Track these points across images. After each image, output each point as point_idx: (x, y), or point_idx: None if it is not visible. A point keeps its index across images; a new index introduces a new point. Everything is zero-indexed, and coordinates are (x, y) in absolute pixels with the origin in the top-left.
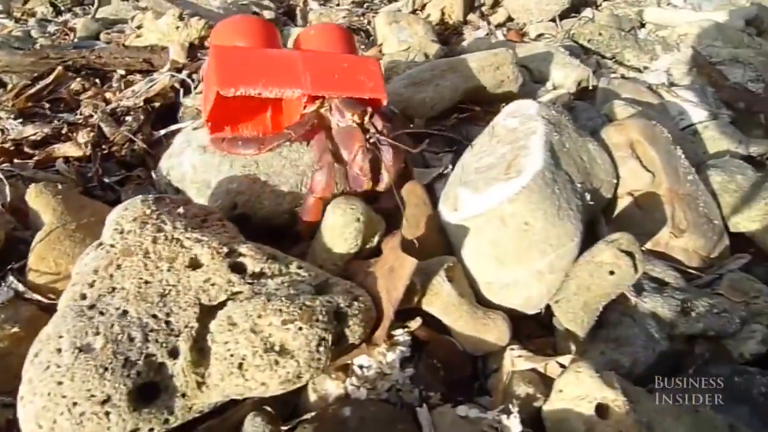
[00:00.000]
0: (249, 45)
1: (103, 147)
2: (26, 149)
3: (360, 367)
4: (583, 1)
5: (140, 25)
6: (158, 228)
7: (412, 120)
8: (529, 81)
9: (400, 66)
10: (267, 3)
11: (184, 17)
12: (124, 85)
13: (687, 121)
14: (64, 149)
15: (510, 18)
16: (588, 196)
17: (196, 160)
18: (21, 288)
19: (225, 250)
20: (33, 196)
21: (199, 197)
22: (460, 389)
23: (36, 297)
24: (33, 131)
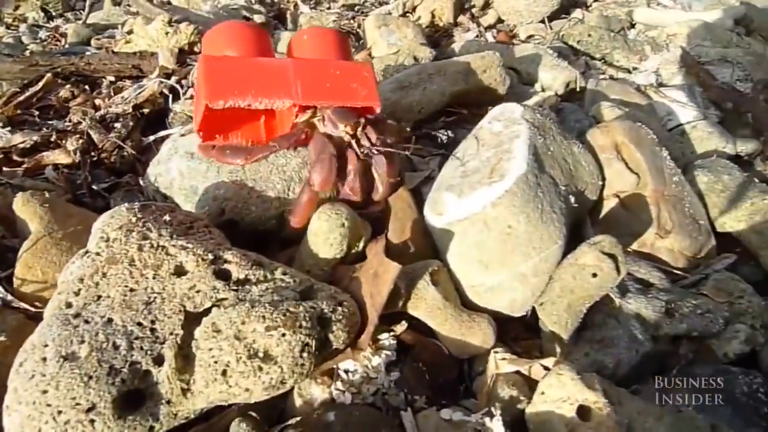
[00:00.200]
0: (240, 52)
1: (93, 154)
2: (15, 157)
3: (345, 371)
4: (573, 1)
5: (130, 30)
6: (144, 236)
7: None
8: (518, 83)
9: (388, 70)
10: (257, 7)
11: (174, 23)
12: (114, 91)
13: (675, 121)
14: (53, 157)
15: (500, 19)
16: (572, 199)
17: (184, 166)
18: (8, 297)
19: (210, 257)
20: (20, 205)
21: (186, 204)
22: (445, 392)
23: (23, 306)
24: (22, 139)
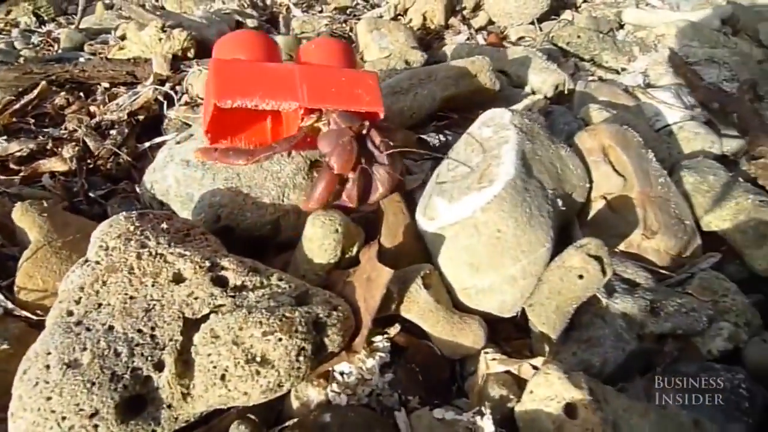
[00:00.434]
0: (249, 57)
1: (89, 161)
2: (11, 165)
3: (341, 373)
4: (563, 3)
5: (124, 36)
6: (142, 244)
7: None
8: (508, 86)
9: (380, 74)
10: (250, 11)
11: (167, 29)
12: (108, 98)
13: (663, 122)
14: (49, 164)
15: (491, 21)
16: (560, 202)
17: (180, 174)
18: (10, 306)
19: (207, 264)
20: (19, 215)
21: (183, 211)
22: (438, 392)
23: (25, 314)
24: (18, 147)
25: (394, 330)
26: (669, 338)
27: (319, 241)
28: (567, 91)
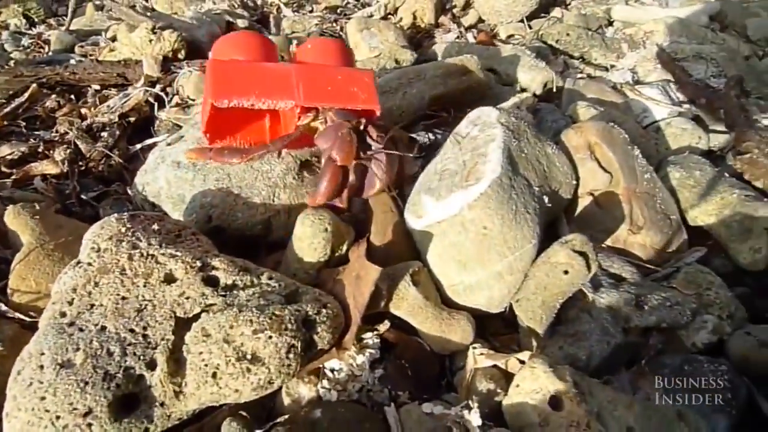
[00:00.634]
0: (246, 58)
1: (80, 163)
2: (3, 168)
3: (331, 370)
4: (552, 1)
5: (114, 37)
6: (133, 245)
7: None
8: (497, 84)
9: None
10: (240, 12)
11: (157, 30)
12: (99, 100)
13: (650, 118)
14: (41, 167)
15: (481, 20)
16: (546, 199)
17: (171, 175)
18: (3, 308)
19: (198, 264)
20: (11, 218)
21: (174, 212)
22: (428, 387)
23: (18, 316)
24: (9, 150)
25: (383, 327)
26: (654, 331)
27: (309, 239)
28: (555, 89)
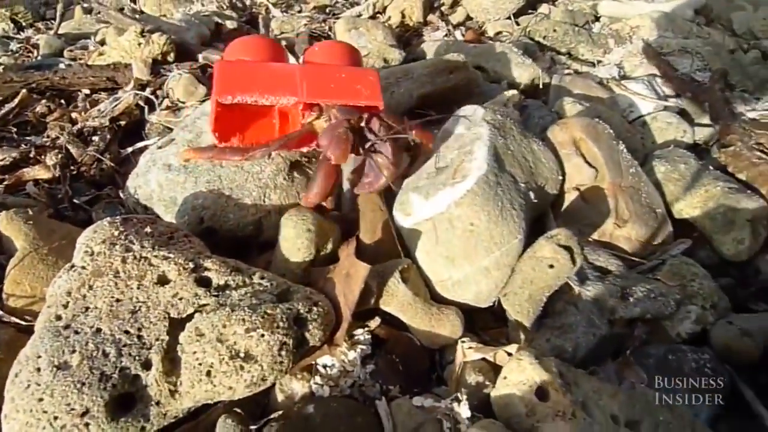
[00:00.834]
0: (254, 59)
1: (72, 168)
2: None
3: (324, 366)
4: None
5: (103, 41)
6: (126, 248)
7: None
8: (485, 81)
9: None
10: (229, 13)
11: (146, 33)
12: (90, 104)
13: (636, 113)
14: (33, 172)
15: (469, 17)
16: (532, 195)
17: (162, 178)
18: None
19: (191, 266)
20: (4, 224)
21: (167, 214)
22: (418, 381)
23: (14, 320)
24: (1, 156)
25: (374, 323)
26: (638, 322)
27: (293, 240)
28: (542, 85)
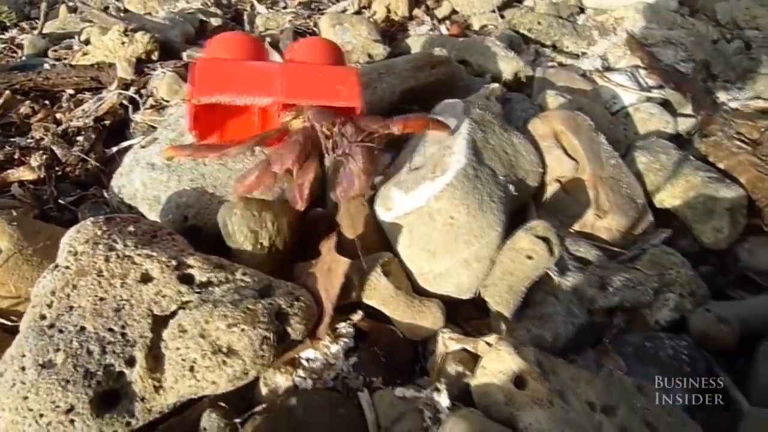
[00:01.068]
0: (233, 57)
1: (57, 169)
2: None
3: (307, 360)
4: None
5: (88, 40)
6: (110, 247)
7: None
8: (469, 75)
9: None
10: (214, 10)
11: (129, 32)
12: (74, 104)
13: (619, 104)
14: (18, 174)
15: (454, 11)
16: (512, 188)
17: (146, 177)
18: None
19: (174, 263)
20: None
21: (151, 213)
22: (401, 372)
23: None
24: None
25: (357, 316)
26: (617, 311)
27: (239, 231)
28: (526, 78)
